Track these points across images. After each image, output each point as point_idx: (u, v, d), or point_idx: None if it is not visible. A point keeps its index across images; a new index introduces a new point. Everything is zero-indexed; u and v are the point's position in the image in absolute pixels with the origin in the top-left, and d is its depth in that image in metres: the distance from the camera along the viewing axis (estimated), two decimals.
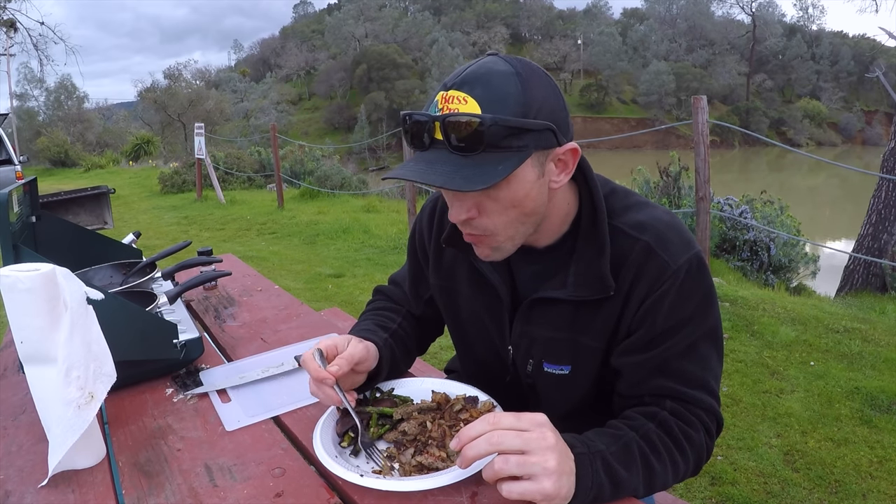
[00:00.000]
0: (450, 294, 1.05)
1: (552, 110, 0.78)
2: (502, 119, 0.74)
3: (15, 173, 9.82)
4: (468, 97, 0.75)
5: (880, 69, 11.79)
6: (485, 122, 0.73)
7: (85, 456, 0.85)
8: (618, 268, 0.85)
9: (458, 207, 0.82)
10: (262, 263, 5.53)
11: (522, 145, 0.76)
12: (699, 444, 0.82)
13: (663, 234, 0.85)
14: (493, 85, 0.75)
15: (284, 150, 13.71)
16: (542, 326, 0.92)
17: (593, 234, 0.86)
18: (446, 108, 0.76)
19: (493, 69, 0.77)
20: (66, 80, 36.99)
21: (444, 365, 1.29)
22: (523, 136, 0.76)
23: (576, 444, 0.73)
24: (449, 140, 0.76)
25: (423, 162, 0.78)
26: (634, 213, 0.88)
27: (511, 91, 0.75)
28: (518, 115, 0.75)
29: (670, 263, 0.83)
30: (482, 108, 0.74)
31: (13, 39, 19.69)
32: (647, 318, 0.84)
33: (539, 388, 0.97)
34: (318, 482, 0.79)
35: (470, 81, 0.76)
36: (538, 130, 0.76)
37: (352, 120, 54.81)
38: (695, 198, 3.91)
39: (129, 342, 1.03)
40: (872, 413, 2.57)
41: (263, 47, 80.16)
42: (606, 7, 77.33)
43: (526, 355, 0.95)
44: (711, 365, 0.86)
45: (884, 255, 5.10)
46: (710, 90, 53.25)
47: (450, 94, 0.76)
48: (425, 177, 0.76)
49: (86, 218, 7.69)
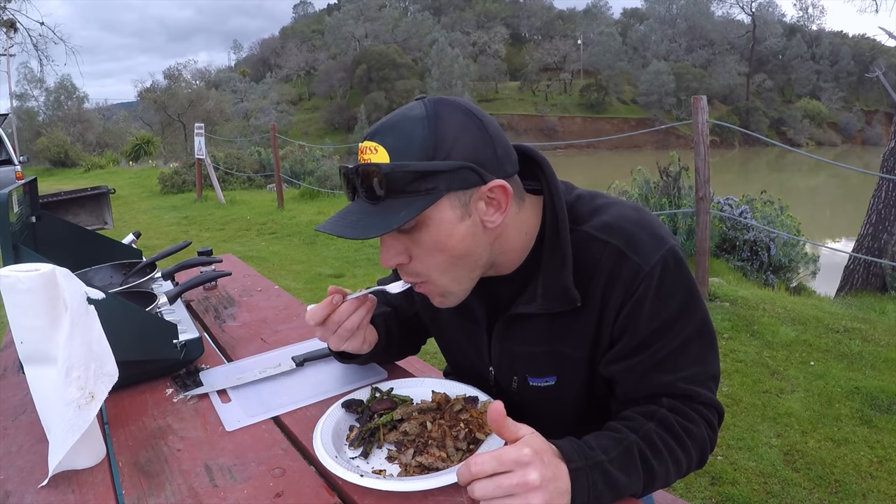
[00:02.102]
0: (432, 315, 1.05)
1: (472, 149, 0.77)
2: (401, 165, 0.75)
3: (15, 173, 9.82)
4: (379, 146, 0.77)
5: (880, 69, 11.78)
6: (382, 168, 0.75)
7: (85, 456, 0.85)
8: (589, 275, 0.83)
9: (385, 253, 0.83)
10: (262, 263, 5.53)
11: (431, 188, 0.76)
12: (701, 438, 0.82)
13: (632, 235, 0.82)
14: (401, 131, 0.77)
15: (284, 151, 13.70)
16: (521, 342, 0.91)
17: (556, 244, 0.85)
18: (361, 159, 0.79)
19: (408, 115, 0.78)
20: (66, 81, 37.01)
21: (443, 365, 1.29)
22: (431, 178, 0.76)
23: (573, 456, 0.71)
24: (361, 190, 0.79)
25: (341, 214, 0.81)
26: (601, 216, 0.85)
27: (417, 136, 0.76)
28: (423, 158, 0.75)
29: (642, 266, 0.80)
30: (390, 156, 0.76)
31: (13, 39, 19.71)
32: (629, 325, 0.82)
33: (527, 403, 0.96)
34: (318, 482, 0.79)
35: (382, 131, 0.78)
36: (450, 171, 0.76)
37: (352, 120, 54.78)
38: (695, 198, 3.91)
39: (129, 342, 1.03)
40: (872, 413, 2.57)
41: (263, 47, 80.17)
42: (606, 7, 77.36)
43: (509, 372, 0.95)
44: (706, 360, 0.85)
45: (884, 255, 5.10)
46: (710, 90, 53.24)
47: (364, 144, 0.79)
48: (335, 229, 0.79)
49: (86, 218, 7.69)
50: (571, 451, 0.71)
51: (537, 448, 0.68)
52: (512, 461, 0.65)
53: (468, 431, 0.84)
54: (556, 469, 0.68)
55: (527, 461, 0.65)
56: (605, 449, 0.74)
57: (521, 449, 0.66)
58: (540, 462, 0.66)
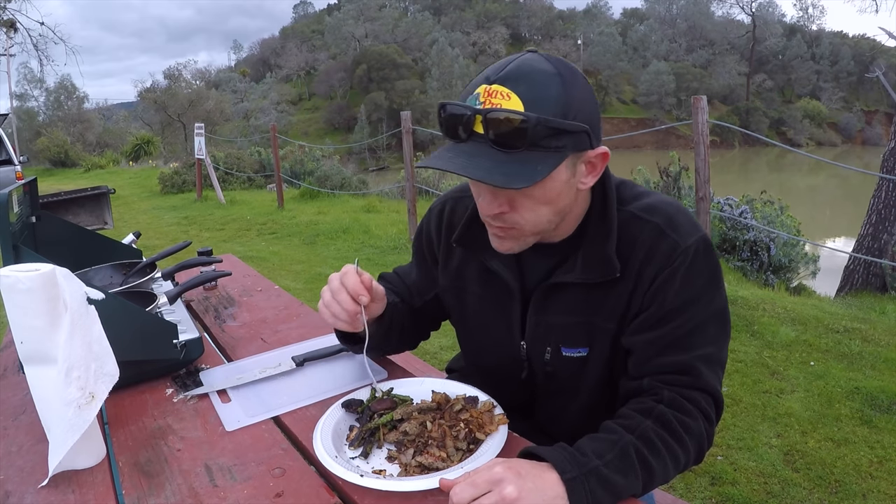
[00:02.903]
0: (458, 295, 1.06)
1: (589, 113, 0.79)
2: (545, 119, 0.75)
3: (15, 173, 9.82)
4: (512, 93, 0.75)
5: (880, 69, 11.80)
6: (529, 120, 0.74)
7: (85, 456, 0.85)
8: (629, 249, 0.87)
9: (489, 202, 0.83)
10: (262, 263, 5.53)
11: (560, 146, 0.77)
12: (699, 434, 0.82)
13: (672, 216, 0.87)
14: (536, 83, 0.76)
15: (284, 151, 13.71)
16: (557, 313, 0.93)
17: (603, 219, 0.88)
18: (489, 103, 0.76)
19: (537, 67, 0.77)
20: (66, 81, 37.00)
21: (444, 365, 1.29)
22: (562, 136, 0.77)
23: (566, 467, 0.71)
24: (489, 135, 0.76)
25: (462, 154, 0.78)
26: (644, 199, 0.91)
27: (553, 91, 0.76)
28: (559, 115, 0.76)
29: (680, 243, 0.84)
30: (525, 106, 0.75)
31: (13, 39, 19.71)
32: (658, 296, 0.85)
33: (559, 375, 0.97)
34: (318, 482, 0.80)
35: (514, 78, 0.76)
36: (575, 132, 0.78)
37: (352, 120, 54.77)
38: (695, 198, 3.91)
39: (129, 342, 1.03)
40: (872, 413, 2.57)
41: (263, 47, 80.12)
42: (606, 7, 77.30)
43: (543, 343, 0.96)
44: (719, 344, 0.87)
45: (884, 255, 5.10)
46: (710, 90, 53.20)
47: (493, 88, 0.76)
48: (466, 169, 0.76)
49: (86, 218, 7.68)
50: (564, 462, 0.72)
51: (510, 464, 0.70)
52: (485, 482, 0.67)
53: (468, 431, 0.84)
54: (539, 479, 0.69)
55: (499, 478, 0.67)
56: (599, 453, 0.74)
57: (493, 468, 0.69)
58: (515, 475, 0.68)
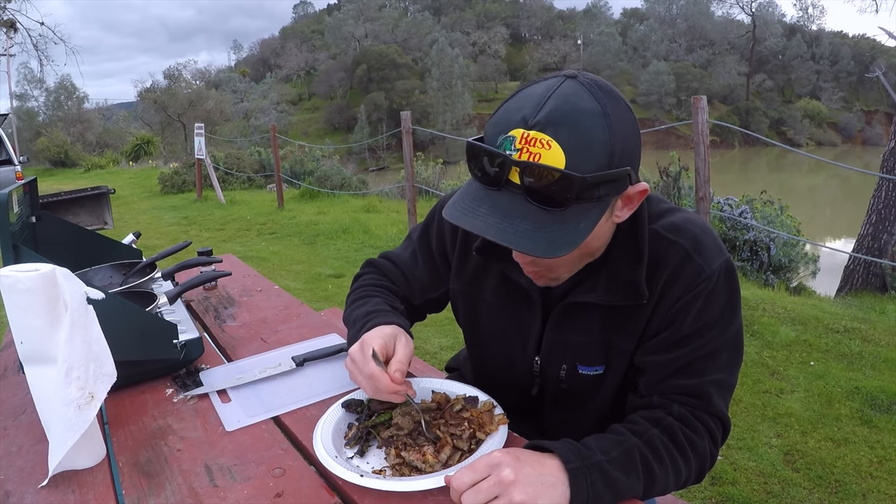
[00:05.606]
0: (472, 301, 1.03)
1: (632, 150, 0.75)
2: (592, 176, 0.69)
3: (15, 173, 9.82)
4: (552, 141, 0.68)
5: (880, 69, 11.80)
6: (572, 179, 0.68)
7: (85, 456, 0.85)
8: (653, 270, 0.85)
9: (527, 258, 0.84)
10: (262, 263, 5.53)
11: (604, 195, 0.73)
12: (703, 452, 0.82)
13: (698, 238, 0.85)
14: (579, 128, 0.69)
15: (284, 151, 13.70)
16: (575, 331, 0.91)
17: (633, 241, 0.86)
18: (526, 150, 0.69)
19: (579, 107, 0.70)
20: (66, 81, 37.01)
21: (443, 365, 1.29)
22: (605, 185, 0.72)
23: (570, 457, 0.72)
24: (526, 186, 0.70)
25: (497, 211, 0.71)
26: (669, 217, 0.88)
27: (598, 136, 0.70)
28: (604, 166, 0.70)
29: (704, 268, 0.83)
30: (567, 155, 0.68)
31: (13, 39, 19.70)
32: (677, 319, 0.84)
33: (572, 391, 0.97)
34: (318, 482, 0.79)
35: (554, 122, 0.69)
36: (619, 179, 0.73)
37: (352, 120, 54.75)
38: (695, 198, 3.91)
39: (129, 342, 1.03)
40: (872, 413, 2.57)
41: (263, 47, 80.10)
42: (606, 7, 77.25)
43: (560, 361, 0.95)
44: (730, 370, 0.86)
45: (884, 255, 5.10)
46: (710, 90, 53.17)
47: (531, 135, 0.69)
48: (506, 237, 0.70)
49: (86, 218, 7.68)
50: (568, 453, 0.73)
51: (509, 450, 0.72)
52: (484, 466, 0.69)
53: (472, 431, 0.84)
54: (539, 465, 0.70)
55: (497, 462, 0.69)
56: (604, 450, 0.75)
57: (492, 454, 0.71)
58: (513, 459, 0.69)
